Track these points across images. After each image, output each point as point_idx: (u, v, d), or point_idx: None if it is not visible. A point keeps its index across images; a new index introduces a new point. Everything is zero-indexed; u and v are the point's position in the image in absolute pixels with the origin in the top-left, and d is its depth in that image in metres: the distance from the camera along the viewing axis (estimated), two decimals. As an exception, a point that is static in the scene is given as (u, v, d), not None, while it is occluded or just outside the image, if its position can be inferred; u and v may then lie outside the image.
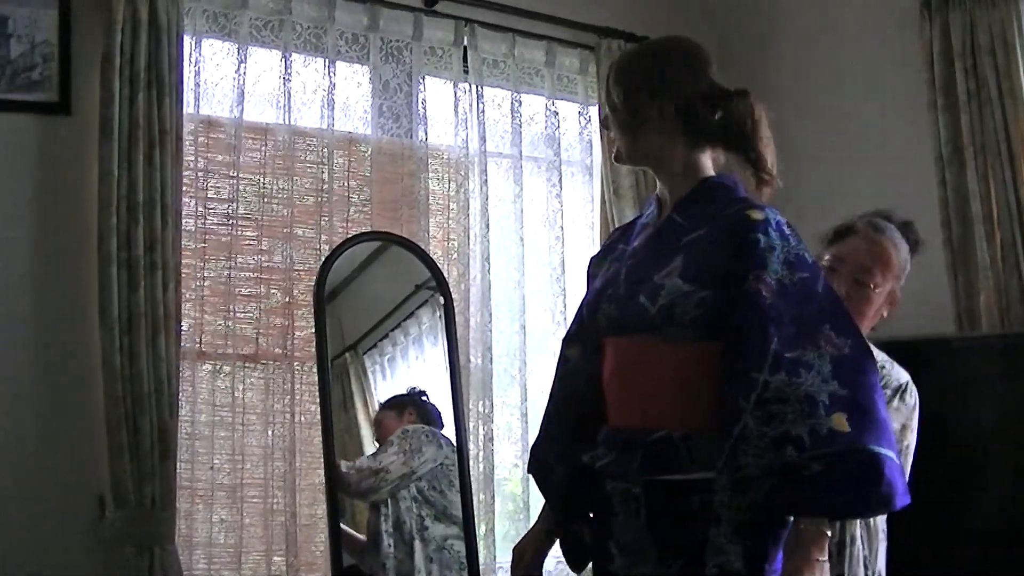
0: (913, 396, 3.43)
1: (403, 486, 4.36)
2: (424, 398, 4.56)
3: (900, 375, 3.44)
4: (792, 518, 2.48)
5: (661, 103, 2.70)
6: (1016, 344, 4.39)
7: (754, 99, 2.72)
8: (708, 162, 2.76)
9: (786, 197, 3.52)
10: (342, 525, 4.20)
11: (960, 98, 4.68)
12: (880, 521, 3.41)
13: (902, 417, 3.36)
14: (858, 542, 3.33)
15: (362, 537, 4.34)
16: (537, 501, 4.94)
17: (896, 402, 3.37)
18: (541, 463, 2.98)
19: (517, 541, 3.06)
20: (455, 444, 4.47)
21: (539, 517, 3.02)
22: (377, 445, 4.45)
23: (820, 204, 3.82)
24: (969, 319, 4.65)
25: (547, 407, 3.00)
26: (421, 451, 4.42)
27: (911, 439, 3.38)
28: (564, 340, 3.00)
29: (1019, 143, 4.51)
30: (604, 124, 2.87)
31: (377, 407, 4.53)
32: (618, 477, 2.66)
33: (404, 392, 4.59)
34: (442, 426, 4.53)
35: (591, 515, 2.84)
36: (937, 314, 4.71)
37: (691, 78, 2.72)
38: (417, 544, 4.34)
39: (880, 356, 3.43)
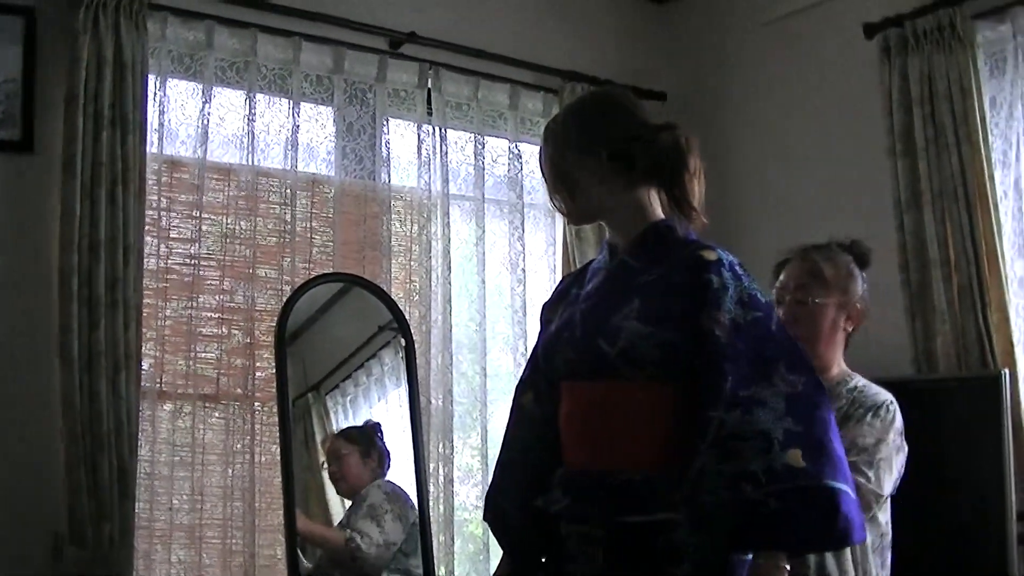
0: (890, 413, 3.44)
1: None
2: (380, 435, 4.55)
3: (876, 397, 3.46)
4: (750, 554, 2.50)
5: (594, 157, 2.70)
6: (973, 387, 4.43)
7: (680, 133, 2.71)
8: (655, 202, 2.75)
9: (744, 240, 3.58)
10: (299, 513, 4.18)
11: (918, 144, 4.72)
12: (874, 557, 3.44)
13: (876, 432, 3.37)
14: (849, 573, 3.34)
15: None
16: (498, 545, 4.97)
17: (869, 418, 3.39)
18: (497, 510, 2.95)
19: None
20: (415, 484, 4.45)
21: (498, 565, 2.99)
22: (333, 478, 4.43)
23: (780, 247, 3.84)
24: (927, 362, 4.68)
25: (501, 454, 2.98)
26: (408, 519, 4.40)
27: (886, 452, 3.37)
28: (517, 387, 2.99)
29: (976, 188, 4.55)
30: (549, 194, 2.87)
31: (333, 434, 4.52)
32: (576, 520, 2.66)
33: (362, 425, 4.57)
34: (388, 467, 4.51)
35: (543, 560, 2.83)
36: (895, 356, 4.74)
37: (619, 125, 2.73)
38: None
39: (859, 380, 3.53)
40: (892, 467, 3.40)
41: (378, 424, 4.57)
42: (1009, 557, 4.15)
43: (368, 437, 4.53)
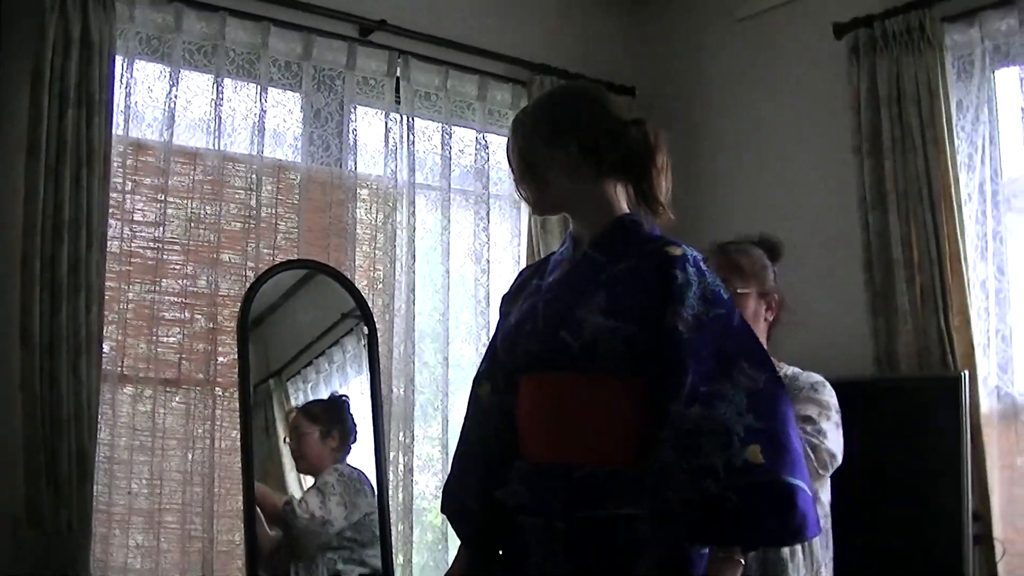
0: (827, 389, 3.53)
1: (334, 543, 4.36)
2: (348, 407, 4.55)
3: (810, 377, 3.56)
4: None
5: (563, 148, 2.70)
6: (934, 387, 4.46)
7: (650, 128, 2.72)
8: (621, 197, 2.76)
9: (710, 236, 3.59)
10: (259, 485, 4.20)
11: (885, 144, 4.76)
12: (819, 552, 3.47)
13: (819, 406, 3.45)
14: (798, 555, 3.38)
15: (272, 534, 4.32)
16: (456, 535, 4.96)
17: (810, 394, 3.48)
18: (454, 502, 2.95)
19: None
20: (375, 472, 4.46)
21: (456, 557, 2.99)
22: (294, 456, 4.43)
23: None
24: (888, 361, 4.71)
25: (458, 446, 2.98)
26: (356, 506, 4.40)
27: (833, 421, 3.44)
28: (475, 379, 2.99)
29: (940, 190, 4.58)
30: (515, 181, 2.86)
31: (295, 410, 4.51)
32: (536, 513, 2.65)
33: (328, 399, 4.58)
34: (355, 438, 4.52)
35: (500, 553, 2.82)
36: (857, 356, 4.78)
37: (589, 118, 2.73)
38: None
39: (788, 368, 3.59)
40: (839, 437, 3.45)
41: (345, 398, 4.58)
42: (964, 556, 4.19)
43: (331, 413, 4.54)
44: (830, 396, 3.52)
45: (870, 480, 4.44)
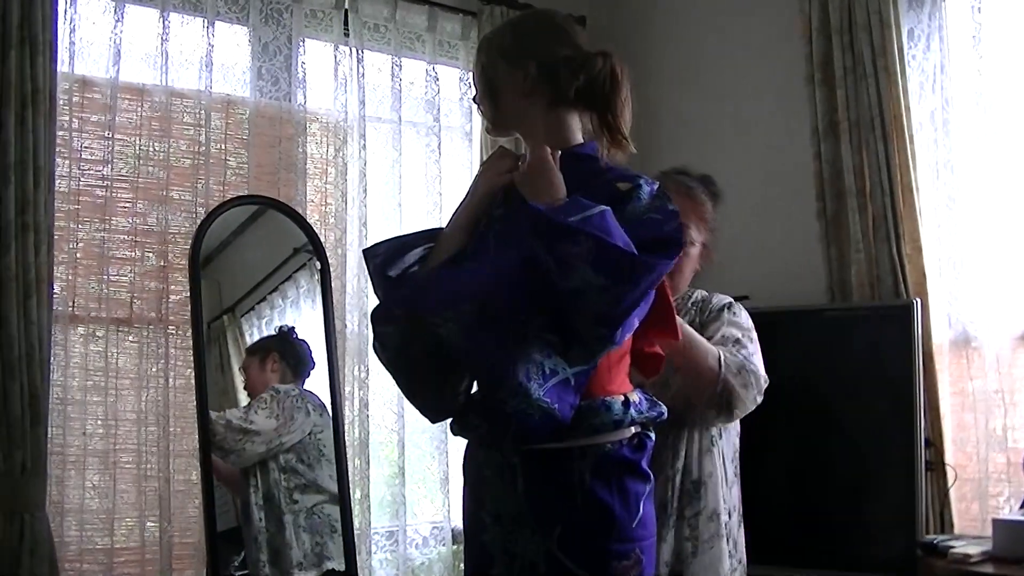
0: (740, 310, 3.60)
1: (268, 456, 4.36)
2: (293, 335, 4.56)
3: (720, 300, 3.61)
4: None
5: (522, 69, 2.72)
6: (886, 315, 4.50)
7: (616, 60, 2.73)
8: (575, 126, 2.77)
9: (660, 167, 3.58)
10: (215, 458, 4.20)
11: (836, 73, 4.76)
12: (731, 455, 3.56)
13: (737, 328, 3.52)
14: (716, 476, 3.43)
15: (236, 470, 4.36)
16: (413, 468, 4.99)
17: (726, 315, 3.54)
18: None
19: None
20: (331, 408, 4.47)
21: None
22: (247, 396, 4.45)
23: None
24: (841, 290, 4.75)
25: None
26: (292, 419, 4.41)
27: (753, 345, 3.50)
28: None
29: (892, 119, 4.59)
30: (474, 100, 2.89)
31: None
32: (492, 446, 2.67)
33: (271, 334, 4.58)
34: (312, 365, 4.54)
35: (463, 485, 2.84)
36: (810, 285, 4.82)
37: (551, 43, 2.75)
38: (287, 518, 4.34)
39: (699, 292, 3.66)
40: (760, 359, 3.50)
41: (290, 328, 4.58)
42: (917, 483, 4.25)
43: (271, 344, 4.55)
44: (747, 318, 3.59)
45: (822, 409, 4.50)
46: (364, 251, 2.87)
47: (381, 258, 2.78)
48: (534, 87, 2.72)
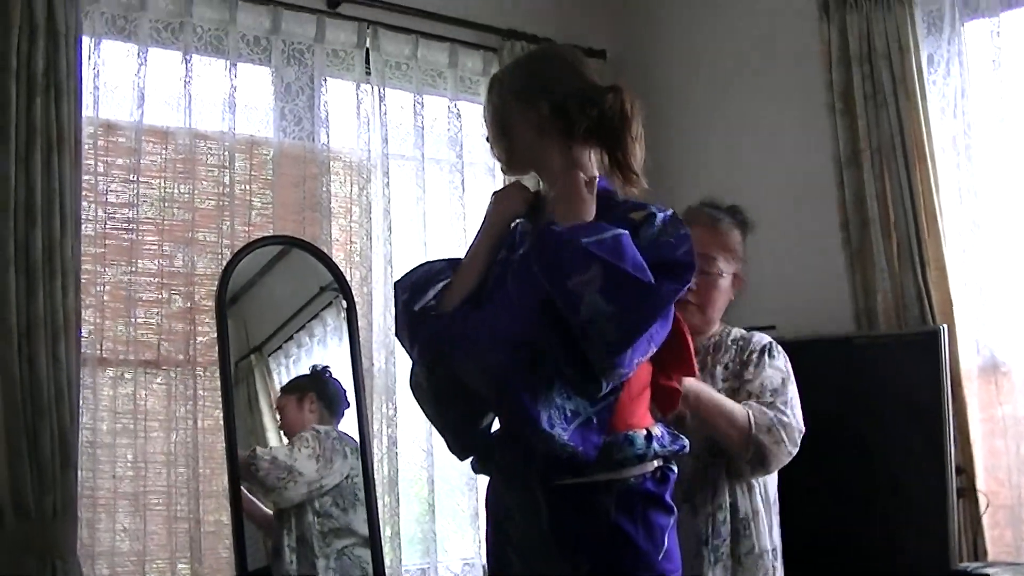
0: (780, 352, 3.58)
1: (307, 499, 4.35)
2: (327, 375, 4.55)
3: (760, 340, 3.60)
4: None
5: (535, 107, 2.72)
6: (913, 342, 4.48)
7: (626, 95, 2.72)
8: (592, 164, 2.76)
9: (682, 201, 3.58)
10: (248, 495, 4.20)
11: (857, 101, 4.77)
12: (773, 494, 3.54)
13: (779, 372, 3.51)
14: (761, 515, 3.43)
15: (269, 512, 4.34)
16: (443, 505, 4.97)
17: (767, 360, 3.53)
18: None
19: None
20: (359, 446, 4.46)
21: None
22: (282, 434, 4.44)
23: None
24: (867, 318, 4.73)
25: None
26: (331, 462, 4.40)
27: (792, 390, 3.50)
28: None
29: (914, 146, 4.60)
30: (487, 139, 2.88)
31: (279, 392, 4.52)
32: (516, 484, 2.68)
33: (307, 373, 4.58)
34: (347, 404, 4.51)
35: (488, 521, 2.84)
36: (836, 314, 4.80)
37: (562, 79, 2.75)
38: (320, 562, 4.33)
39: (735, 329, 3.65)
40: (798, 403, 3.49)
41: (319, 366, 4.58)
42: (949, 510, 4.22)
43: (306, 383, 4.54)
44: (786, 360, 3.58)
45: (852, 438, 4.47)
46: (396, 283, 2.90)
47: (408, 294, 2.80)
48: (547, 125, 2.72)
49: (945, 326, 4.40)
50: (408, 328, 2.78)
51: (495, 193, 2.91)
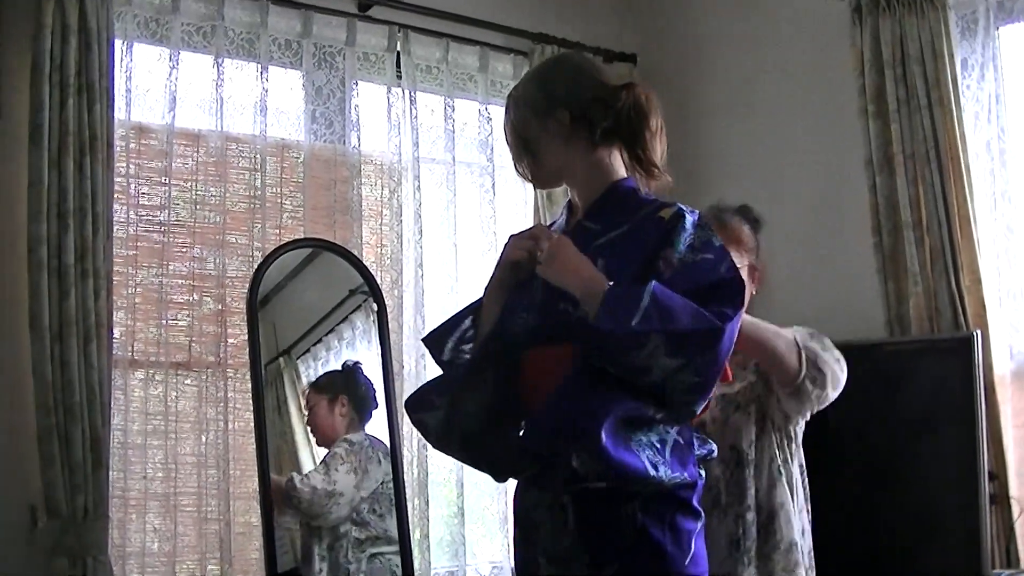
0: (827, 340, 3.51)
1: (350, 515, 4.37)
2: (359, 372, 4.57)
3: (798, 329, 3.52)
4: None
5: (555, 119, 2.72)
6: (946, 348, 4.46)
7: (639, 91, 2.73)
8: (616, 162, 2.76)
9: (715, 201, 3.58)
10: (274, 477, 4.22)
11: (890, 106, 4.74)
12: (797, 482, 3.49)
13: (818, 342, 3.46)
14: (788, 507, 3.39)
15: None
16: (472, 508, 4.97)
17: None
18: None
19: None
20: (390, 449, 4.47)
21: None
22: (309, 430, 4.46)
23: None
24: (900, 324, 4.71)
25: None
26: (367, 471, 4.41)
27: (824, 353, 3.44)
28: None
29: (947, 151, 4.57)
30: (513, 160, 2.86)
31: (307, 387, 4.53)
32: (543, 487, 2.66)
33: (338, 370, 4.59)
34: (375, 404, 4.53)
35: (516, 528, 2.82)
36: (869, 320, 4.77)
37: (577, 86, 2.75)
38: (352, 567, 4.34)
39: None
40: (838, 369, 3.43)
41: (351, 363, 4.59)
42: (982, 517, 4.19)
43: (339, 381, 4.56)
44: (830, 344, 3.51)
45: (884, 443, 4.45)
46: (423, 340, 2.99)
47: (436, 351, 2.93)
48: (570, 133, 2.73)
49: (978, 331, 4.38)
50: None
51: (512, 236, 2.88)
